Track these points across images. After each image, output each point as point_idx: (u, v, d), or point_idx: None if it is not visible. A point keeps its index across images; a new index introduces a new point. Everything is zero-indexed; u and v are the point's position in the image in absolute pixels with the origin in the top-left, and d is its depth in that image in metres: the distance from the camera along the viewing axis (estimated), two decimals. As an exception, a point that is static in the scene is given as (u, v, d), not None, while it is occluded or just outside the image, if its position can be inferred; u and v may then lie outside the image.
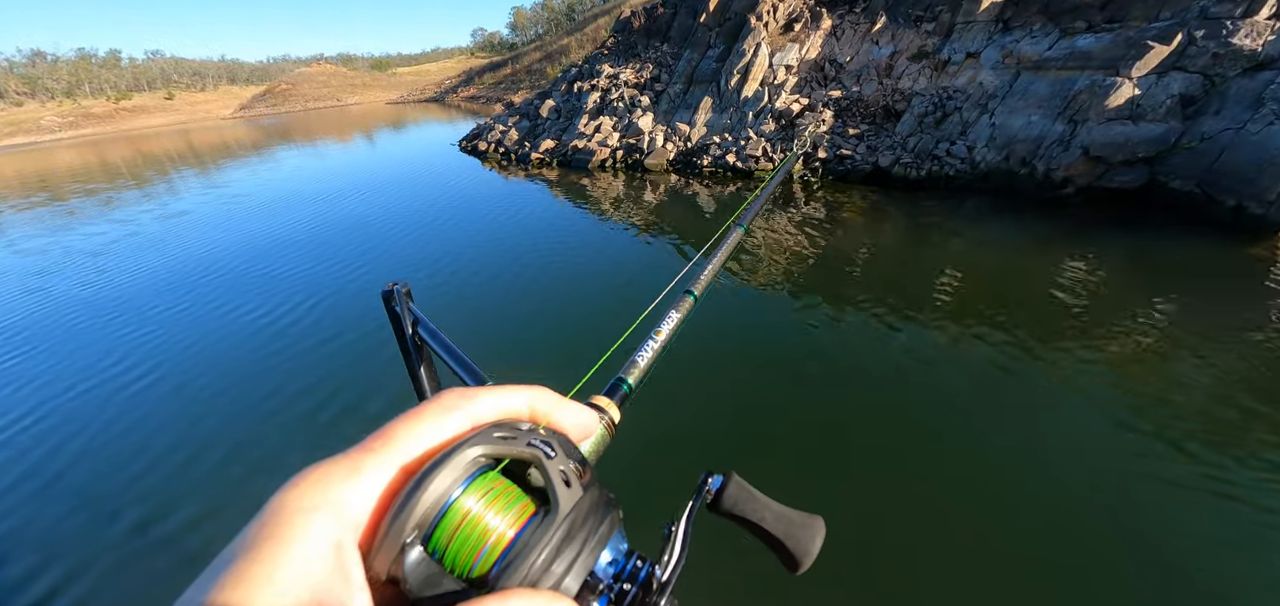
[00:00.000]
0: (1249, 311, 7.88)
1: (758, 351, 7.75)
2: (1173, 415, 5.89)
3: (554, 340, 8.29)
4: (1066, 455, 5.46)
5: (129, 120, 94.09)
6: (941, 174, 13.73)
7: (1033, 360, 7.01)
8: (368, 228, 15.28)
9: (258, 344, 8.91)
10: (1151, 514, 4.76)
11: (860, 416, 6.27)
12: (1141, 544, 4.47)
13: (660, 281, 1.39)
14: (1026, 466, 5.36)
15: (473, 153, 26.81)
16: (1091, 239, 10.71)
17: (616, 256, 11.77)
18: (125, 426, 7.03)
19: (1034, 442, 5.65)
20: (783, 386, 6.92)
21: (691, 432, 6.10)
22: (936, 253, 10.84)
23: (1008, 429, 5.87)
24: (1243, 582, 4.13)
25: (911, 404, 6.39)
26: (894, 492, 5.15)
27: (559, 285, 10.41)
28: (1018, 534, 4.64)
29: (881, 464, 5.54)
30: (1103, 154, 11.64)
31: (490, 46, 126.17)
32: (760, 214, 11.44)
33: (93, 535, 5.35)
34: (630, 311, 1.29)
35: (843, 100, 16.79)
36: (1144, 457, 5.35)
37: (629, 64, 24.63)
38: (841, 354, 7.59)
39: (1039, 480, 5.18)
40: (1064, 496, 4.97)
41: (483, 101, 66.95)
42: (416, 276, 11.23)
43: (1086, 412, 6.03)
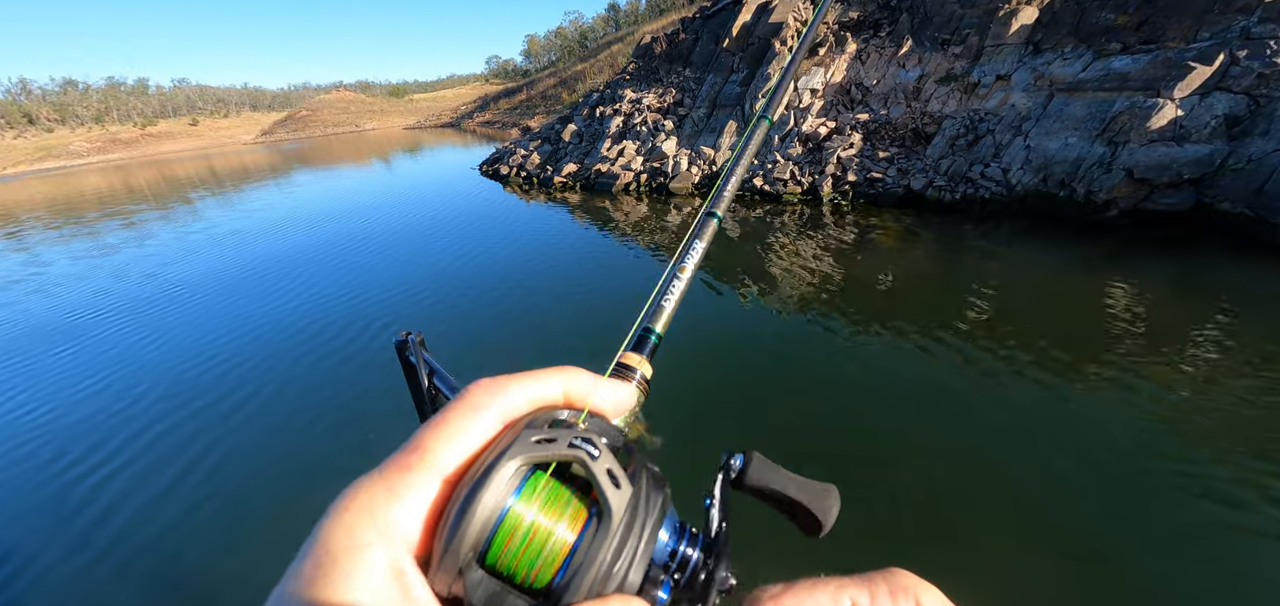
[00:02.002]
0: None
1: (786, 376, 7.53)
2: (1226, 448, 5.52)
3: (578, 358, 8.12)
4: (1109, 488, 5.15)
5: (154, 145, 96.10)
6: (977, 196, 13.50)
7: (1074, 387, 6.71)
8: (391, 251, 15.24)
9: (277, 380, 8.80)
10: (1201, 552, 4.46)
11: (893, 442, 6.01)
12: (1194, 585, 4.19)
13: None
14: (1067, 499, 5.07)
15: (494, 176, 26.92)
16: (1136, 262, 10.41)
17: (639, 274, 11.61)
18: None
19: (1076, 474, 5.35)
20: (813, 414, 6.66)
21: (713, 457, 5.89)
22: (973, 276, 10.57)
23: (1050, 460, 5.57)
24: None
25: (949, 432, 6.12)
26: (931, 525, 4.91)
27: (580, 304, 10.26)
28: (1058, 572, 4.37)
29: (916, 491, 5.30)
30: (1147, 176, 11.38)
31: (504, 73, 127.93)
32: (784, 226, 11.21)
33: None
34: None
35: (871, 123, 16.66)
36: (1194, 493, 5.02)
37: (651, 89, 24.71)
38: (872, 379, 7.34)
39: (1080, 513, 4.90)
40: (1107, 532, 4.68)
41: (498, 126, 67.65)
42: (439, 299, 11.12)
43: (1131, 443, 5.70)
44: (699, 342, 8.47)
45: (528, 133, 34.72)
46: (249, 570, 4.92)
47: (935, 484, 5.35)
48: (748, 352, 8.22)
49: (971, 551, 4.58)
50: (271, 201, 27.65)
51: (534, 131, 33.37)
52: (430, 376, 0.85)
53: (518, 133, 44.04)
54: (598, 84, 37.22)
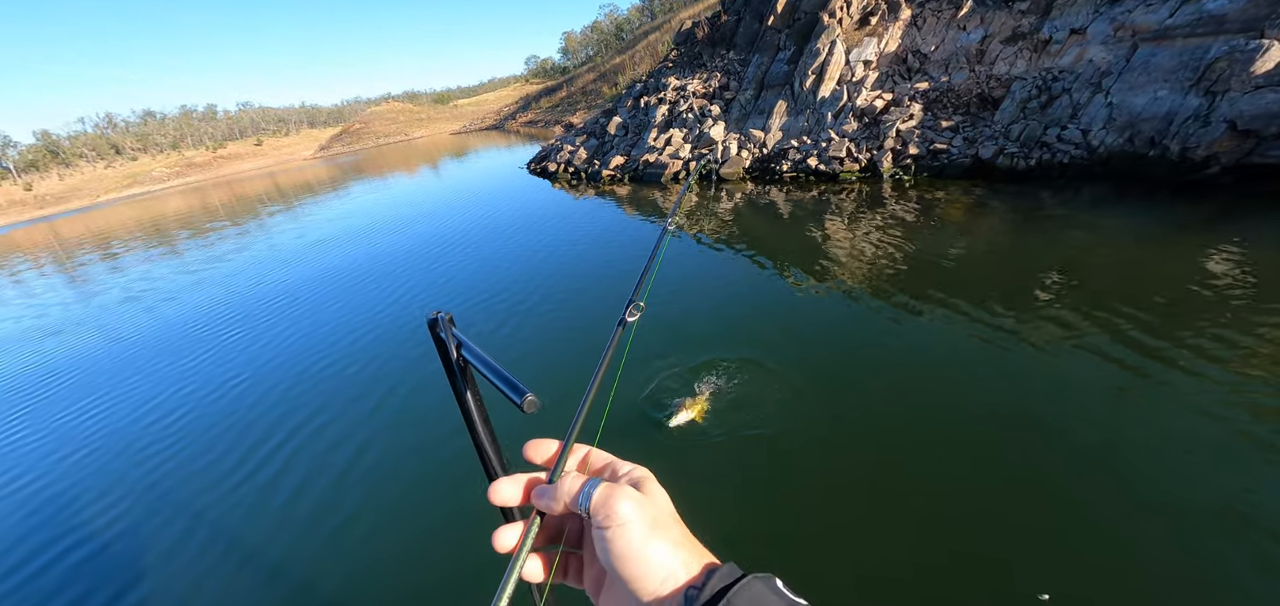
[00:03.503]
0: None
1: (845, 364, 7.14)
2: None
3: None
4: (1211, 478, 4.59)
5: (225, 166, 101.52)
6: (1054, 162, 12.56)
7: (1173, 367, 6.04)
8: (456, 253, 15.41)
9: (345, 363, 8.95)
10: None
11: (963, 430, 5.59)
12: None
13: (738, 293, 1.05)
14: (1169, 489, 4.55)
15: (541, 174, 27.05)
16: (1241, 223, 9.41)
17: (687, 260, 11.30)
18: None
19: (1175, 461, 4.81)
20: (876, 402, 6.26)
21: (776, 445, 5.65)
22: (1052, 249, 9.77)
23: (1145, 446, 5.03)
24: None
25: (1028, 417, 5.63)
26: (1006, 515, 4.53)
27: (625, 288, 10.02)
28: (1155, 571, 3.91)
29: (991, 481, 4.92)
30: (1253, 127, 10.29)
31: (543, 72, 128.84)
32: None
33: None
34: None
35: (931, 92, 15.77)
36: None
37: (695, 75, 24.23)
38: (942, 362, 6.85)
39: (1180, 499, 4.40)
40: (1208, 525, 4.17)
41: (541, 125, 68.20)
42: (494, 292, 11.11)
43: (1236, 426, 5.07)
44: (755, 330, 8.15)
45: (571, 129, 34.75)
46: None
47: (1015, 474, 4.90)
48: (802, 341, 7.81)
49: (1068, 541, 4.13)
50: (343, 212, 28.60)
51: (578, 127, 33.34)
52: (459, 348, 0.90)
53: (561, 129, 44.21)
54: (639, 75, 36.86)
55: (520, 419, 0.82)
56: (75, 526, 6.60)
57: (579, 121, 43.13)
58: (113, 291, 19.71)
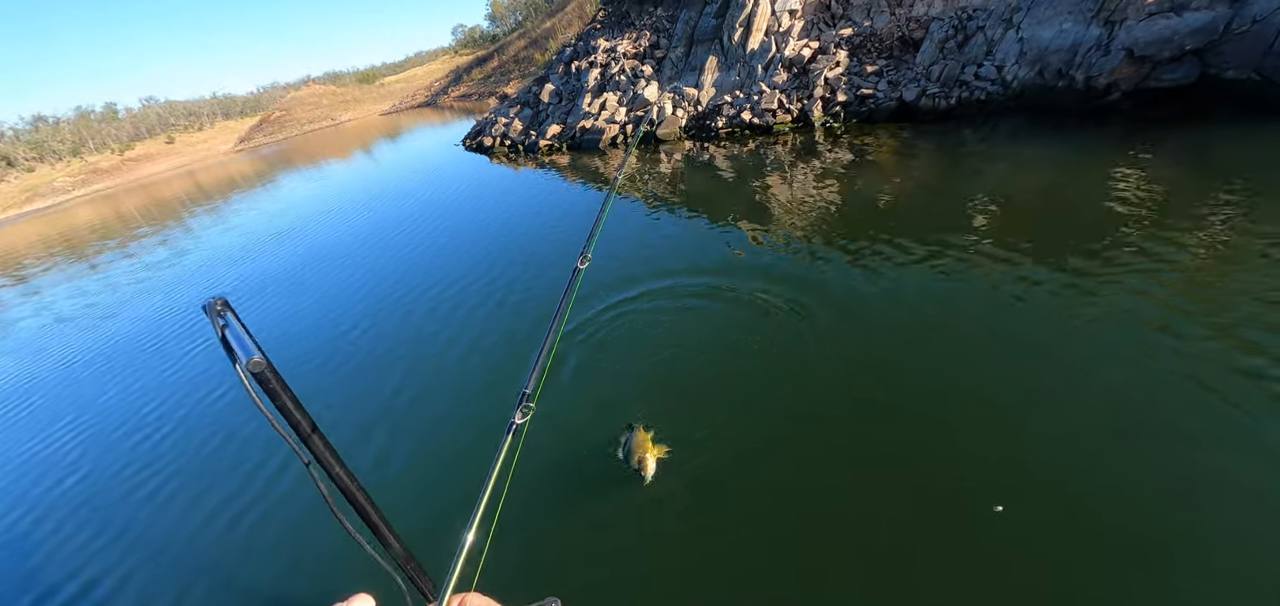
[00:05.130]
0: None
1: (790, 313, 7.13)
2: (1247, 321, 5.27)
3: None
4: (1130, 380, 4.91)
5: (136, 169, 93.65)
6: (973, 99, 12.91)
7: (1088, 281, 6.38)
8: (384, 248, 14.74)
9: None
10: (1222, 431, 4.26)
11: (904, 366, 5.76)
12: (1212, 464, 4.02)
13: (682, 257, 1.01)
14: (1088, 397, 4.84)
15: (478, 150, 26.09)
16: (1144, 145, 9.93)
17: (640, 231, 11.16)
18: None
19: (1098, 372, 5.09)
20: (821, 345, 6.35)
21: (724, 400, 5.68)
22: (976, 182, 10.10)
23: (1068, 359, 5.32)
24: None
25: (964, 345, 5.86)
26: (956, 435, 4.72)
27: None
28: (1086, 471, 4.19)
29: (932, 408, 5.10)
30: (1148, 53, 10.78)
31: (472, 41, 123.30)
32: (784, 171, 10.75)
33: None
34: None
35: (855, 38, 15.87)
36: (1213, 373, 4.77)
37: (624, 35, 23.64)
38: (882, 299, 6.99)
39: (1101, 409, 4.69)
40: (1128, 422, 4.50)
41: (475, 98, 65.66)
42: (463, 277, 10.70)
43: (1150, 332, 5.43)
44: (702, 289, 8.11)
45: (505, 100, 33.54)
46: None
47: (954, 400, 5.07)
48: (749, 294, 7.82)
49: (1005, 458, 4.32)
50: (279, 208, 26.92)
51: (512, 98, 32.19)
52: (223, 331, 0.94)
53: (496, 101, 42.68)
54: (569, 38, 35.68)
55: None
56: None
57: (513, 92, 41.72)
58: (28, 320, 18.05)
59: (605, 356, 7.01)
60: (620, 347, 7.15)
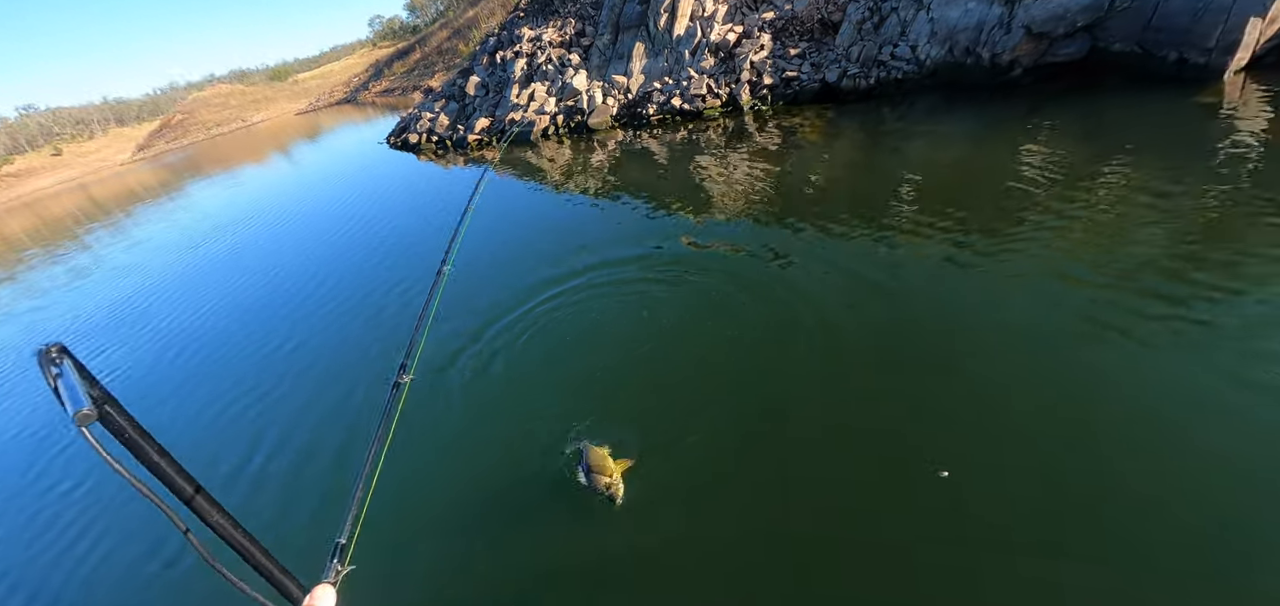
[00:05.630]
0: (1201, 157, 7.80)
1: (727, 293, 7.15)
2: (1140, 268, 5.74)
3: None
4: (1041, 330, 5.26)
5: (18, 186, 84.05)
6: (890, 78, 13.32)
7: (1002, 245, 6.74)
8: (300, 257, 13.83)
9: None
10: (1121, 368, 4.64)
11: (846, 339, 5.87)
12: (1118, 397, 4.37)
13: (610, 247, 0.93)
14: (1007, 350, 5.14)
15: (404, 147, 24.90)
16: (1045, 115, 10.53)
17: (576, 223, 10.91)
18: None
19: (1013, 326, 5.42)
20: (756, 326, 6.37)
21: (671, 394, 5.58)
22: (897, 159, 10.45)
23: (987, 317, 5.65)
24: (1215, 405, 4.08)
25: (904, 315, 6.02)
26: (904, 403, 4.84)
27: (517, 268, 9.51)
28: (1003, 412, 4.50)
29: (880, 379, 5.21)
30: (1044, 29, 11.40)
31: (392, 33, 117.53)
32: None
33: None
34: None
35: (777, 21, 16.05)
36: (1117, 316, 5.19)
37: (549, 23, 23.03)
38: (817, 277, 7.08)
39: (1019, 360, 5.00)
40: (1043, 370, 4.82)
41: (398, 93, 62.80)
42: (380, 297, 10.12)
43: (1056, 286, 5.82)
44: (633, 278, 7.99)
45: (431, 94, 32.15)
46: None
47: (901, 367, 5.19)
48: (685, 279, 7.76)
49: (956, 420, 4.44)
50: (194, 218, 24.76)
51: (437, 91, 30.88)
52: (56, 381, 0.86)
53: (420, 96, 40.92)
54: (492, 28, 34.52)
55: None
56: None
57: (438, 85, 40.07)
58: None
59: (532, 358, 6.77)
60: (549, 346, 6.94)
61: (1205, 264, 5.59)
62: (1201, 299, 5.11)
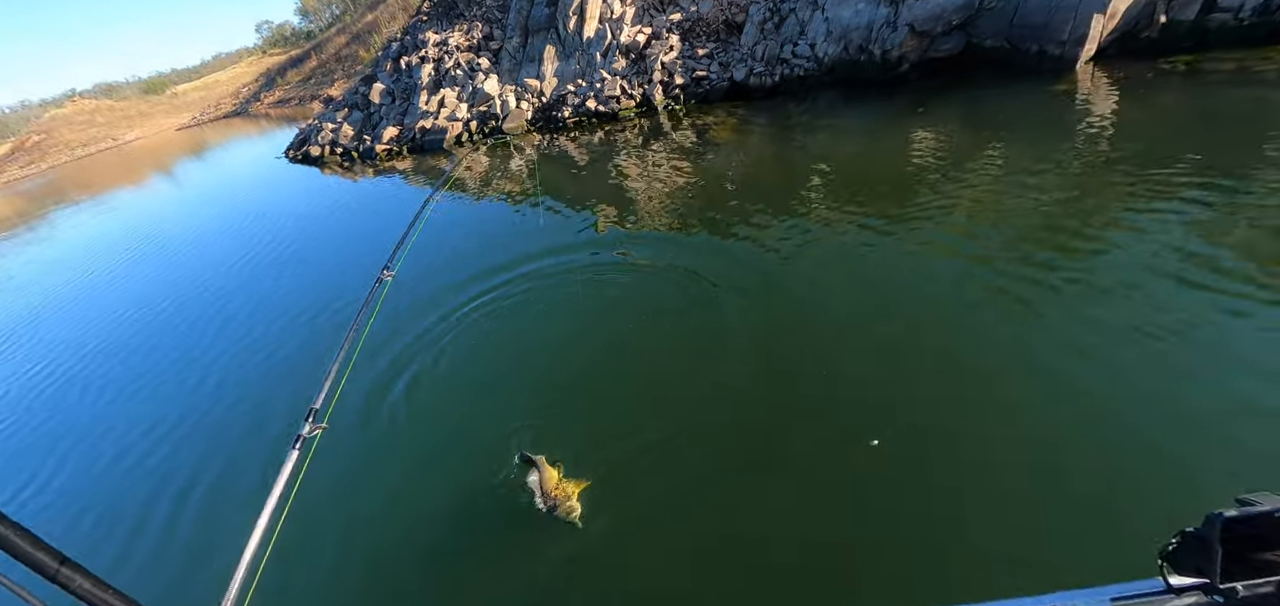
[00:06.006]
0: (1062, 138, 8.75)
1: (652, 292, 7.22)
2: (1018, 238, 6.39)
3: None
4: (937, 300, 5.73)
5: None
6: (794, 76, 13.90)
7: (901, 226, 7.27)
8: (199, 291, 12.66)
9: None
10: (1002, 326, 5.21)
11: (776, 325, 6.08)
12: (999, 350, 4.91)
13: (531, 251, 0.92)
14: (918, 323, 5.52)
15: (305, 160, 23.31)
16: (931, 106, 11.38)
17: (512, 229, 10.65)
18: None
19: (914, 300, 5.86)
20: (683, 319, 6.47)
21: (608, 396, 5.59)
22: (805, 152, 10.96)
23: (893, 296, 6.05)
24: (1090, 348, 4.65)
25: (826, 300, 6.30)
26: (836, 381, 5.09)
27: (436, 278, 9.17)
28: (913, 381, 4.85)
29: (810, 362, 5.43)
30: (926, 28, 12.30)
31: (284, 39, 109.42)
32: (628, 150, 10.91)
33: None
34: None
35: (684, 22, 16.36)
36: (996, 279, 5.79)
37: (454, 27, 22.30)
38: (739, 268, 7.27)
39: (918, 331, 5.40)
40: (938, 335, 5.27)
41: (295, 103, 58.70)
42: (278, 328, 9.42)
43: (949, 260, 6.36)
44: (564, 279, 7.89)
45: (332, 103, 30.29)
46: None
47: (810, 348, 5.44)
48: (612, 280, 7.73)
49: (886, 394, 4.70)
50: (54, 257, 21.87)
51: (338, 100, 29.14)
52: None
53: (320, 106, 38.46)
54: (394, 32, 32.96)
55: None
56: None
57: (339, 93, 37.85)
58: None
59: (457, 374, 6.51)
60: (473, 360, 6.69)
61: (1068, 230, 6.28)
62: (1066, 261, 5.75)
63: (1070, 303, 5.21)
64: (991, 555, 3.46)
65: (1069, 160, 7.95)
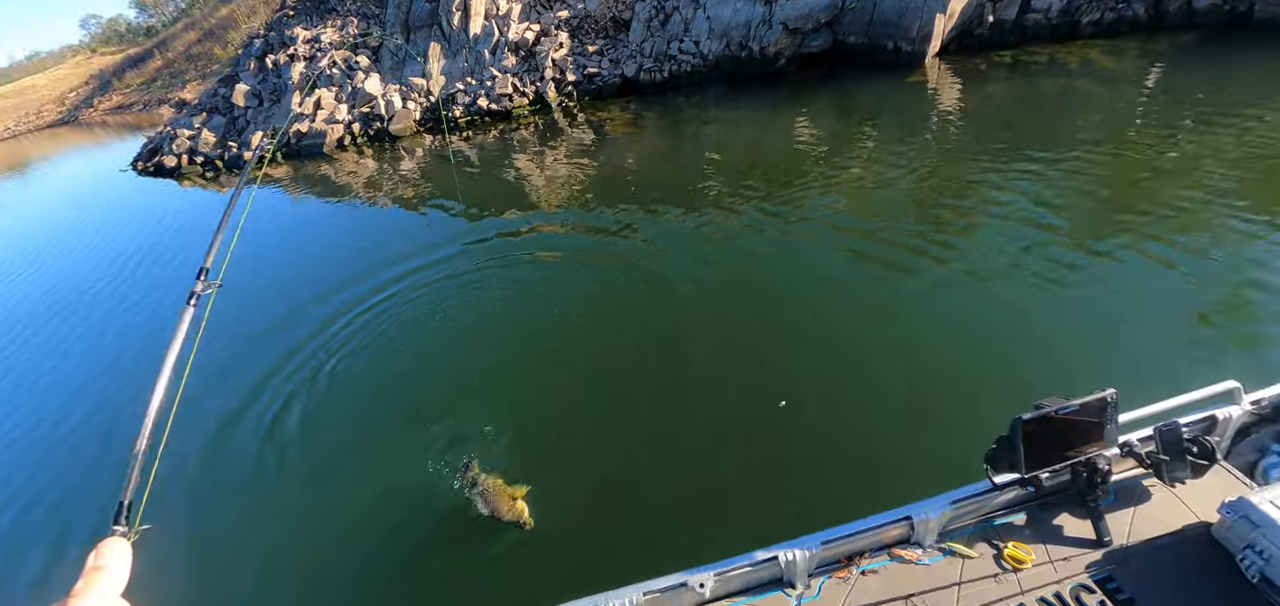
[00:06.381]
0: (920, 123, 9.85)
1: (552, 288, 7.24)
2: (889, 212, 7.19)
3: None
4: (827, 271, 6.36)
5: None
6: (681, 71, 14.35)
7: (793, 208, 7.87)
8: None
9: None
10: (875, 286, 5.92)
11: (685, 309, 6.28)
12: (874, 310, 5.56)
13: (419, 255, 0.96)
14: (808, 294, 6.08)
15: (158, 173, 20.66)
16: (807, 98, 12.27)
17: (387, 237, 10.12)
18: None
19: (814, 275, 6.42)
20: (585, 309, 6.61)
21: (522, 395, 5.53)
22: (697, 143, 11.42)
23: (785, 273, 6.59)
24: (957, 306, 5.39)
25: (725, 279, 6.66)
26: (739, 352, 5.43)
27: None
28: (803, 341, 5.37)
29: (715, 342, 5.70)
30: (797, 26, 13.18)
31: (118, 36, 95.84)
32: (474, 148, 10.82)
33: None
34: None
35: (572, 20, 16.32)
36: (872, 246, 6.50)
37: (326, 23, 20.72)
38: (639, 256, 7.47)
39: (806, 307, 5.90)
40: (824, 307, 5.83)
41: (139, 108, 51.70)
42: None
43: (832, 235, 7.03)
44: (464, 279, 7.69)
45: (186, 107, 27.08)
46: None
47: (716, 324, 5.78)
48: (514, 277, 7.65)
49: (780, 361, 5.06)
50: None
51: (193, 104, 26.10)
52: None
53: (171, 111, 34.28)
54: (256, 28, 29.93)
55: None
56: None
57: (193, 96, 33.93)
58: None
59: (362, 384, 6.17)
60: (375, 369, 6.33)
61: (927, 202, 7.15)
62: (926, 227, 6.58)
63: (928, 265, 5.93)
64: (872, 478, 3.93)
65: (926, 140, 8.96)
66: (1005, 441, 2.12)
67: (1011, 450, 2.09)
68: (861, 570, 2.19)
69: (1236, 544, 1.95)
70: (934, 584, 2.09)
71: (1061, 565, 2.06)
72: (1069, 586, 1.99)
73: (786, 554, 2.16)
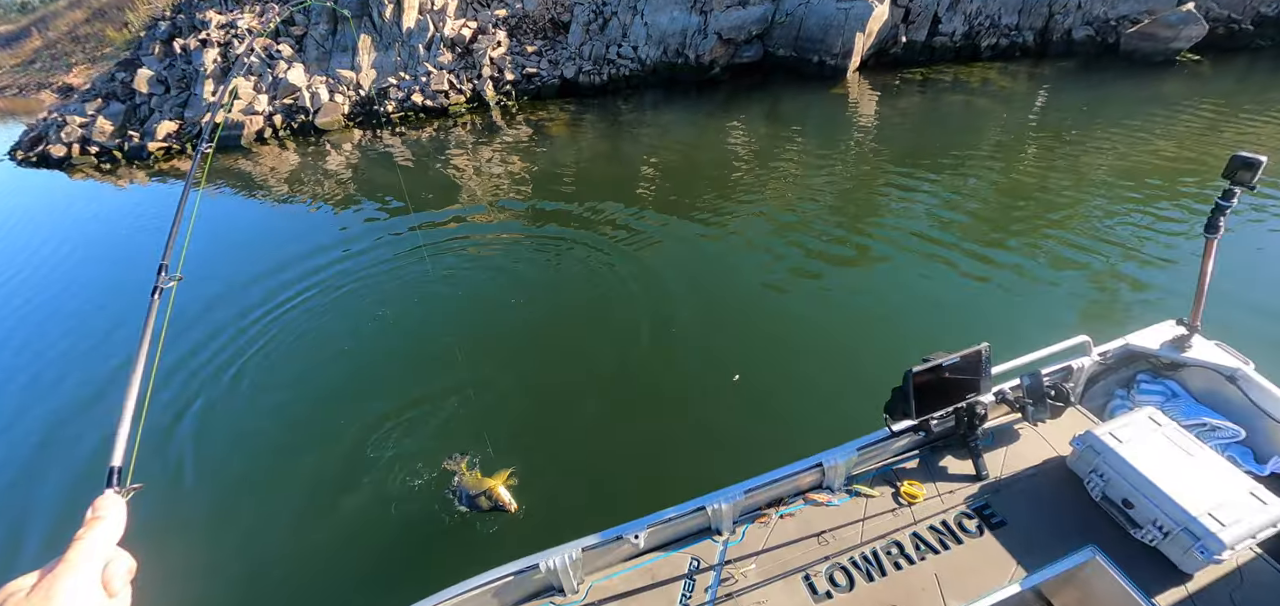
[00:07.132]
0: (843, 131, 10.51)
1: (492, 289, 7.08)
2: (818, 214, 7.68)
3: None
4: (752, 264, 6.70)
5: None
6: (620, 75, 14.46)
7: (730, 208, 8.21)
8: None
9: None
10: (801, 275, 6.37)
11: (636, 305, 6.34)
12: (803, 319, 5.87)
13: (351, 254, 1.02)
14: (739, 287, 6.40)
15: (43, 163, 18.49)
16: (740, 105, 12.70)
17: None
18: None
19: (748, 270, 6.71)
20: (519, 319, 6.45)
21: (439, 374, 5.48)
22: (635, 146, 11.57)
23: (734, 265, 6.89)
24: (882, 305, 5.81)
25: (669, 275, 6.75)
26: (690, 337, 5.62)
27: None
28: (732, 345, 5.56)
29: (666, 332, 5.83)
30: (731, 36, 13.62)
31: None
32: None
33: None
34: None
35: (511, 19, 16.07)
36: (801, 254, 6.84)
37: (245, 8, 19.32)
38: (579, 260, 7.44)
39: (740, 305, 6.16)
40: (753, 291, 6.24)
41: (14, 92, 45.94)
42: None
43: (761, 227, 7.47)
44: (394, 285, 7.43)
45: (74, 93, 24.34)
46: None
47: (666, 317, 5.89)
48: (453, 275, 7.44)
49: (666, 351, 5.28)
50: None
51: (84, 89, 23.50)
52: None
53: (53, 96, 30.74)
54: (161, 9, 27.28)
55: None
56: None
57: (81, 81, 30.53)
58: None
59: (299, 389, 5.85)
60: (323, 371, 6.04)
61: (846, 200, 7.67)
62: (845, 231, 7.06)
63: (846, 252, 6.51)
64: (792, 431, 4.28)
65: (845, 147, 9.57)
66: (899, 391, 2.44)
67: (904, 399, 2.41)
68: (780, 513, 2.47)
69: (1083, 470, 2.35)
70: (843, 521, 2.40)
71: (948, 497, 2.42)
72: (954, 514, 2.35)
73: (713, 504, 2.37)
